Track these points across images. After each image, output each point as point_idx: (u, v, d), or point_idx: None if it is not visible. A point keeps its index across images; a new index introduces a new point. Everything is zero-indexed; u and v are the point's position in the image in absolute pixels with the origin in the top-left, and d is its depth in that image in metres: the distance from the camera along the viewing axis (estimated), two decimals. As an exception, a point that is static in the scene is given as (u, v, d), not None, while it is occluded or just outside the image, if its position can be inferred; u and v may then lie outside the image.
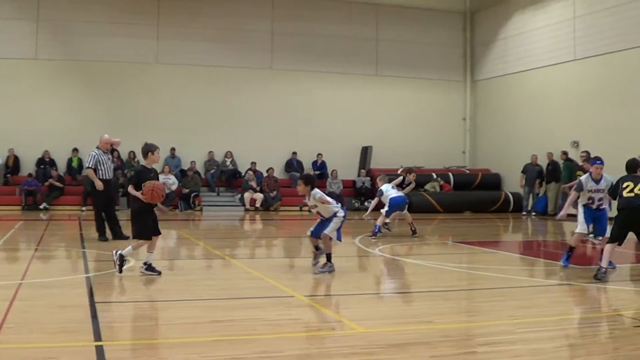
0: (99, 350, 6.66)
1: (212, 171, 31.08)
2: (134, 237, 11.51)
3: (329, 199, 12.04)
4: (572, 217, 14.26)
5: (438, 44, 35.41)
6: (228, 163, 31.46)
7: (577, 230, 13.08)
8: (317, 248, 12.23)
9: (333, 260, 11.81)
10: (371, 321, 8.28)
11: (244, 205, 29.94)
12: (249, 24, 32.26)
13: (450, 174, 32.33)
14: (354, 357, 6.68)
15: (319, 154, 32.51)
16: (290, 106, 32.67)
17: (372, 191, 31.72)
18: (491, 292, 10.42)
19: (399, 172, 27.06)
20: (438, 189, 31.22)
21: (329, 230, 11.80)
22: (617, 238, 11.85)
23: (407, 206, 19.12)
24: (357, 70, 33.90)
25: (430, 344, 7.20)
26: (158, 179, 11.66)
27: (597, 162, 13.04)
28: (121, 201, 25.14)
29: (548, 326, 8.19)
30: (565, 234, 21.28)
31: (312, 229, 12.23)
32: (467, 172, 33.48)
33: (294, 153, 32.50)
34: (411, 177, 20.30)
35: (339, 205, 12.30)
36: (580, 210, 13.11)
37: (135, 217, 11.32)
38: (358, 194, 31.89)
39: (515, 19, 32.98)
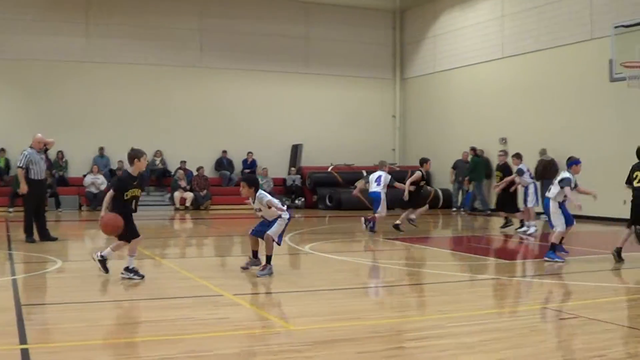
0: (24, 354, 6.54)
1: (142, 170, 30.73)
2: (129, 239, 11.04)
3: (275, 201, 11.61)
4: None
5: (368, 42, 35.59)
6: (157, 162, 31.17)
7: (559, 230, 13.60)
8: (254, 255, 11.88)
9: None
10: (300, 319, 8.29)
11: (174, 204, 29.73)
12: (177, 22, 32.01)
13: (381, 171, 32.46)
14: (282, 354, 6.67)
15: (249, 152, 32.40)
16: (220, 104, 32.51)
17: (303, 189, 31.82)
18: (421, 287, 10.51)
19: (329, 169, 27.22)
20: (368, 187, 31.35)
21: (273, 231, 11.38)
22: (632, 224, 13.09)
23: (379, 205, 19.53)
24: (287, 68, 33.89)
25: (358, 340, 7.22)
26: (142, 187, 11.35)
27: (579, 162, 14.27)
28: (49, 202, 24.75)
29: (476, 320, 8.30)
30: (492, 229, 21.52)
31: (253, 228, 11.87)
32: (397, 169, 33.60)
33: (224, 151, 32.36)
34: (427, 166, 20.71)
35: (285, 207, 11.83)
36: (557, 210, 13.69)
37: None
38: (288, 192, 31.91)
39: (444, 18, 33.32)
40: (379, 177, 19.83)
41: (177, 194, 29.75)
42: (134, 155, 11.09)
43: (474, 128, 30.73)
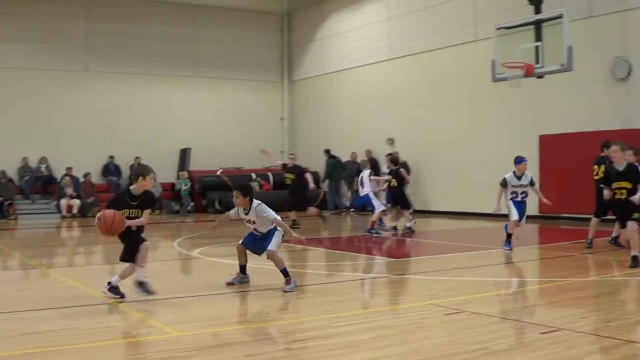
0: None
1: (27, 178, 30.03)
2: (124, 259, 9.94)
3: (279, 218, 10.56)
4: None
5: (256, 45, 35.61)
6: (43, 169, 30.49)
7: (513, 219, 14.89)
8: (242, 270, 10.86)
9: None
10: (186, 324, 8.21)
11: (60, 212, 29.11)
12: (64, 25, 31.31)
13: (269, 173, 32.43)
14: (168, 361, 6.62)
15: (136, 157, 31.96)
16: (107, 109, 31.99)
17: (192, 193, 31.51)
18: (309, 288, 10.54)
19: (218, 172, 26.97)
20: (258, 189, 31.29)
21: (274, 245, 10.43)
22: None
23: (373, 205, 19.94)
24: (175, 72, 33.66)
25: (245, 343, 7.21)
26: (144, 207, 9.76)
27: (523, 160, 15.15)
28: None
29: (363, 318, 8.40)
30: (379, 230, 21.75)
31: (243, 240, 10.87)
32: (288, 171, 33.72)
33: (111, 157, 31.87)
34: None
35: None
36: (510, 203, 15.01)
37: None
38: (177, 197, 31.56)
39: (332, 20, 33.57)
40: (361, 178, 20.44)
41: (64, 202, 29.14)
42: (140, 172, 9.78)
43: (362, 129, 31.06)
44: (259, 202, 10.49)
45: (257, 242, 10.65)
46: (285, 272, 10.39)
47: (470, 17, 26.40)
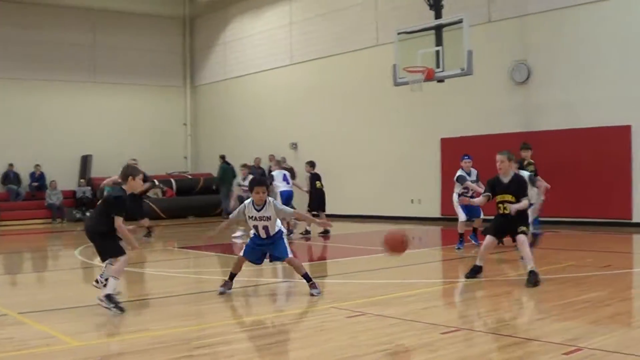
0: None
1: None
2: (110, 257, 9.31)
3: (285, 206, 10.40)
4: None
5: (157, 50, 35.31)
6: (-62, 179, 29.72)
7: (460, 220, 15.64)
8: (232, 277, 10.30)
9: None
10: (86, 334, 8.04)
11: (-43, 222, 28.38)
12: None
13: (172, 179, 32.10)
14: (67, 371, 6.47)
15: (36, 165, 31.38)
16: (4, 116, 31.30)
17: (93, 201, 30.97)
18: (211, 294, 10.42)
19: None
20: (160, 196, 30.91)
21: (289, 250, 10.11)
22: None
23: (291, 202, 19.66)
24: (73, 77, 33.12)
25: (145, 351, 7.08)
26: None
27: (464, 158, 15.87)
28: None
29: (264, 324, 8.41)
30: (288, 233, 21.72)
31: (245, 253, 10.34)
32: (189, 177, 33.45)
33: (11, 165, 31.15)
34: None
35: None
36: (456, 200, 15.50)
37: (104, 238, 9.22)
38: (79, 204, 31.00)
39: (234, 25, 33.50)
40: (285, 175, 20.19)
41: (-39, 212, 28.43)
42: (129, 172, 9.37)
43: (266, 134, 31.05)
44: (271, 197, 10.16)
45: (257, 252, 10.24)
46: (307, 277, 10.13)
47: (372, 22, 26.65)
